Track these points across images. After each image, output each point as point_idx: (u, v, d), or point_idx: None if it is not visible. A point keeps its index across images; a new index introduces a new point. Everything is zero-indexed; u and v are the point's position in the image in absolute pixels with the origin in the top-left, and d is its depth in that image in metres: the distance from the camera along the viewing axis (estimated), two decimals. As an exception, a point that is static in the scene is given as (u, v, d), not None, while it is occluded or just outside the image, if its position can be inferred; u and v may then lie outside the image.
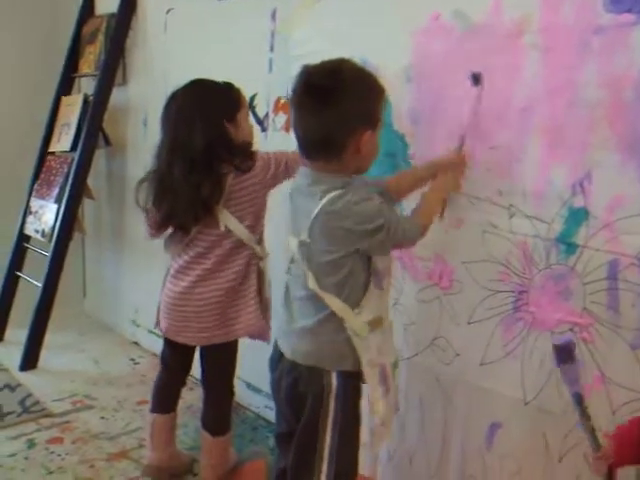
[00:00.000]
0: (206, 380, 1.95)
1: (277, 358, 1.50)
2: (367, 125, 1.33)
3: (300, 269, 1.42)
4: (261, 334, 1.88)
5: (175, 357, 1.95)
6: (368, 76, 1.38)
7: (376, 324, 1.42)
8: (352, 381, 1.42)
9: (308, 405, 1.41)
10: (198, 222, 1.74)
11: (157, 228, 1.81)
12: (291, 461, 1.47)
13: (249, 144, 1.80)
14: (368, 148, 1.35)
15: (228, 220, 1.74)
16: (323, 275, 1.38)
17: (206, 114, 1.70)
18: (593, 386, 1.42)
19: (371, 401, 1.42)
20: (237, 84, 1.82)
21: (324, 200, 1.32)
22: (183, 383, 2.04)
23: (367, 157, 1.38)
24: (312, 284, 1.38)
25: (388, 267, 1.46)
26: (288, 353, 1.45)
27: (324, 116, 1.30)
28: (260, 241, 1.84)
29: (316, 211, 1.33)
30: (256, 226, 1.81)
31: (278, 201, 1.77)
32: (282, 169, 1.78)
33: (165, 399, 2.01)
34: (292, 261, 1.46)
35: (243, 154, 1.74)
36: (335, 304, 1.38)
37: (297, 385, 1.43)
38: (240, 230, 1.76)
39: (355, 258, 1.37)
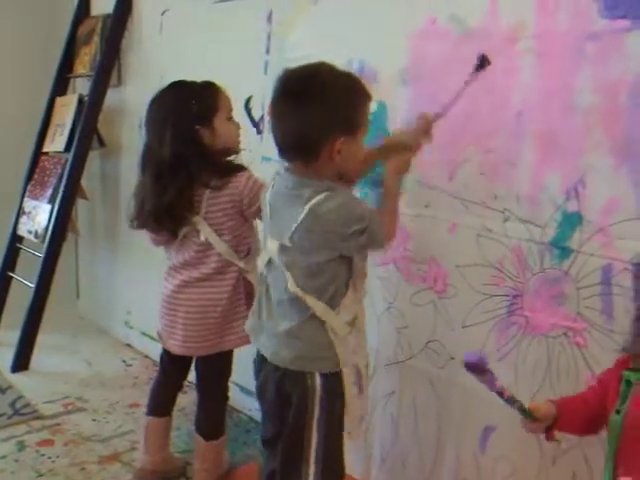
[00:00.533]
0: (200, 384, 1.94)
1: (260, 361, 1.50)
2: (341, 131, 1.31)
3: (279, 272, 1.41)
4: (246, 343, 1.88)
5: (172, 361, 1.94)
6: (347, 81, 1.35)
7: (353, 324, 1.43)
8: (334, 381, 1.41)
9: (293, 406, 1.41)
10: (162, 226, 1.74)
11: (141, 227, 1.81)
12: (279, 463, 1.46)
13: (229, 150, 1.76)
14: (344, 155, 1.32)
15: (207, 232, 1.73)
16: (305, 278, 1.37)
17: (175, 121, 1.68)
18: (586, 390, 1.43)
19: (346, 400, 1.42)
20: (233, 86, 1.81)
21: (309, 204, 1.31)
22: (180, 387, 2.03)
23: (345, 164, 1.35)
24: (293, 287, 1.37)
25: (364, 267, 1.46)
26: (269, 356, 1.45)
27: (297, 120, 1.30)
28: (247, 255, 1.80)
29: (302, 216, 1.32)
30: (236, 241, 1.77)
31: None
32: (253, 210, 1.70)
33: (161, 402, 2.00)
34: (269, 263, 1.44)
35: (217, 165, 1.71)
36: (317, 306, 1.37)
37: (282, 386, 1.43)
38: (219, 244, 1.74)
39: (338, 261, 1.37)
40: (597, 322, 1.40)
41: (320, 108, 1.29)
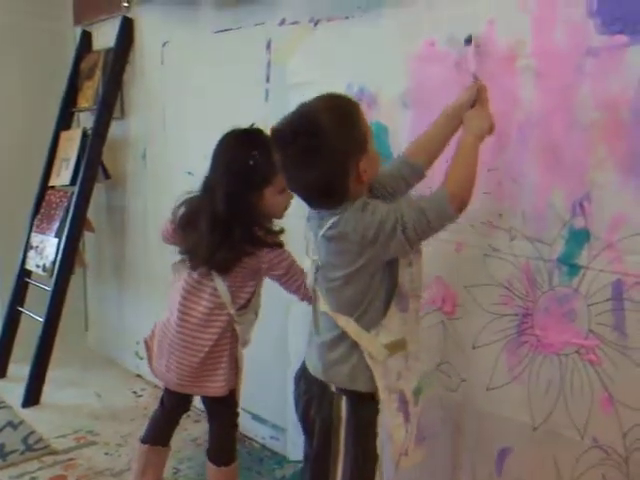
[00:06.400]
0: (208, 413, 1.93)
1: (300, 375, 1.48)
2: (359, 154, 1.29)
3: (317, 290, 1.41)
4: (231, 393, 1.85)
5: (170, 395, 1.92)
6: (341, 109, 1.31)
7: (397, 348, 1.36)
8: (364, 406, 1.34)
9: (316, 432, 1.38)
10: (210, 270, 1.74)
11: (173, 236, 1.83)
12: None
13: (272, 215, 1.73)
14: (368, 170, 1.30)
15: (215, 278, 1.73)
16: (332, 294, 1.35)
17: (229, 181, 1.65)
18: (602, 408, 1.40)
19: (390, 429, 1.35)
20: (234, 114, 1.81)
21: (329, 221, 1.30)
22: (176, 422, 2.00)
23: (371, 174, 1.33)
24: (323, 306, 1.37)
25: (417, 289, 1.39)
26: (310, 367, 1.43)
27: (315, 174, 1.27)
28: (244, 306, 1.78)
29: (322, 232, 1.32)
30: (236, 290, 1.75)
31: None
32: (273, 274, 1.72)
33: (158, 434, 1.98)
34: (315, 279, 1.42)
35: (256, 236, 1.68)
36: (347, 325, 1.33)
37: (309, 408, 1.41)
38: (221, 287, 1.73)
39: (364, 276, 1.31)
40: (610, 339, 1.39)
41: (333, 153, 1.26)
